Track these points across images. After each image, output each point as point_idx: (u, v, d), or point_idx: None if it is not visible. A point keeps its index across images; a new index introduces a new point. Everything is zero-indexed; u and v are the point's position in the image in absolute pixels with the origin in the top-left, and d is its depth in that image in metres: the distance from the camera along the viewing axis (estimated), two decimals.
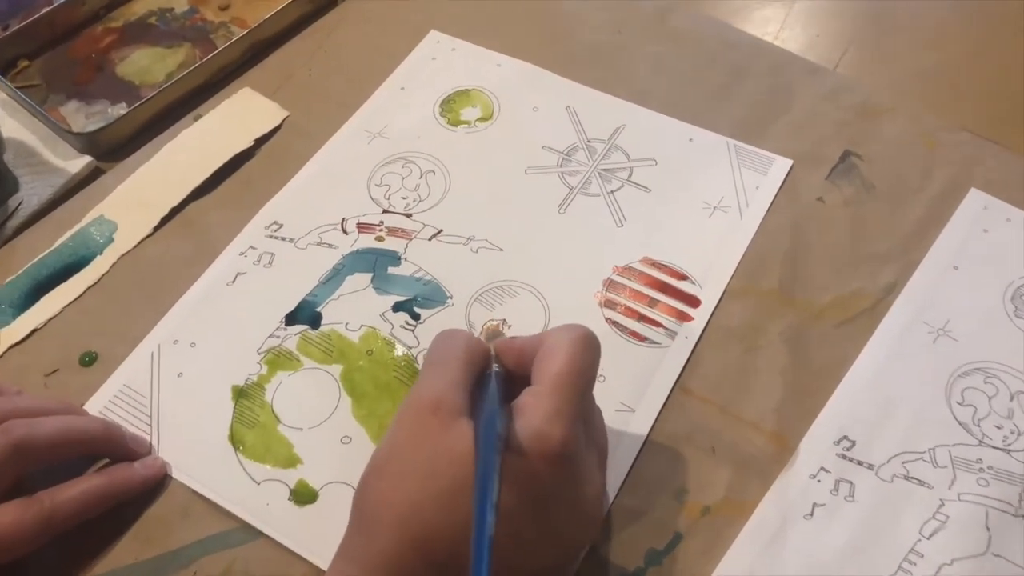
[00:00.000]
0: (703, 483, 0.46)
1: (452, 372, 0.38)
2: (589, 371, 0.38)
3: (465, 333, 0.41)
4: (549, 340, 0.39)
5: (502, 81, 0.64)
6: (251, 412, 0.49)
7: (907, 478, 0.46)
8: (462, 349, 0.39)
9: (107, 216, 0.57)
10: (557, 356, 0.38)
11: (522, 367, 0.40)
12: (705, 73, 0.64)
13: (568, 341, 0.38)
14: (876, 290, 0.53)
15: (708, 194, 0.57)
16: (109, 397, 0.50)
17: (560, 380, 0.37)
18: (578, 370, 0.37)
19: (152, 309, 0.53)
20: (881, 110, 0.61)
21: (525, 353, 0.40)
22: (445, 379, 0.38)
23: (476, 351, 0.40)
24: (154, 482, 0.46)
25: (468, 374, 0.38)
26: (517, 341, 0.41)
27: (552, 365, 0.37)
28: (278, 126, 0.62)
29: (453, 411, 0.36)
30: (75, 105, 0.65)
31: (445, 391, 0.37)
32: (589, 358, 0.38)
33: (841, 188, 0.57)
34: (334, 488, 0.46)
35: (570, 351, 0.38)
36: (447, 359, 0.39)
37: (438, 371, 0.38)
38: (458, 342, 0.40)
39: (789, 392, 0.49)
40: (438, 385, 0.37)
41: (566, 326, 0.40)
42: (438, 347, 0.40)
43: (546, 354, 0.38)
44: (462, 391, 0.37)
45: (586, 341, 0.39)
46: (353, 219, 0.57)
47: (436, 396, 0.37)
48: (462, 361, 0.39)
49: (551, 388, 0.37)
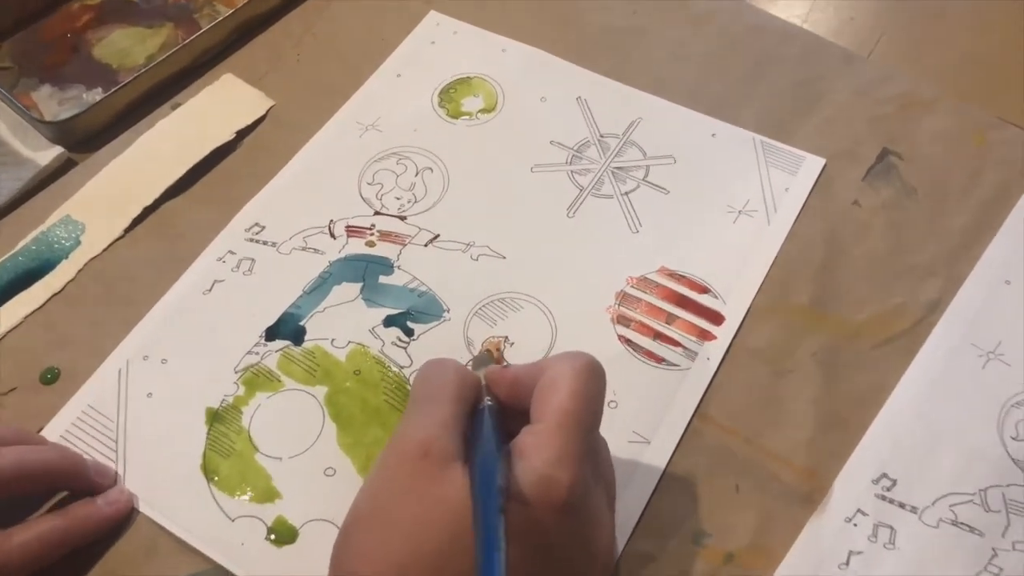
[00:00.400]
0: (725, 526, 0.43)
1: (442, 410, 0.35)
2: (595, 404, 0.36)
3: (453, 363, 0.38)
4: (550, 370, 0.36)
5: (507, 68, 0.60)
6: (226, 439, 0.46)
7: (955, 523, 0.43)
8: (452, 383, 0.37)
9: (74, 216, 0.54)
10: (559, 389, 0.35)
11: (517, 399, 0.37)
12: (728, 60, 0.60)
13: (571, 371, 0.35)
14: (918, 307, 0.49)
15: (732, 197, 0.54)
16: (72, 419, 0.46)
17: (564, 417, 0.34)
18: (583, 404, 0.35)
19: (121, 320, 0.50)
20: (923, 103, 0.57)
21: (520, 384, 0.37)
22: (434, 418, 0.35)
23: (467, 384, 0.37)
24: (119, 519, 0.43)
25: (460, 411, 0.36)
26: (511, 370, 0.38)
27: (554, 399, 0.34)
28: (262, 117, 0.58)
29: (444, 456, 0.33)
30: (48, 90, 0.61)
31: (435, 433, 0.34)
32: (595, 390, 0.36)
33: (879, 191, 0.54)
34: (316, 527, 0.43)
35: (574, 383, 0.35)
36: (435, 395, 0.36)
37: (426, 409, 0.36)
38: (447, 374, 0.37)
39: (822, 422, 0.46)
40: (426, 426, 0.34)
41: (567, 354, 0.37)
42: (424, 381, 0.38)
43: (547, 387, 0.35)
44: (454, 432, 0.35)
45: (591, 371, 0.36)
46: (342, 221, 0.53)
47: (424, 439, 0.34)
48: (452, 397, 0.36)
49: (554, 426, 0.34)
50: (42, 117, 0.58)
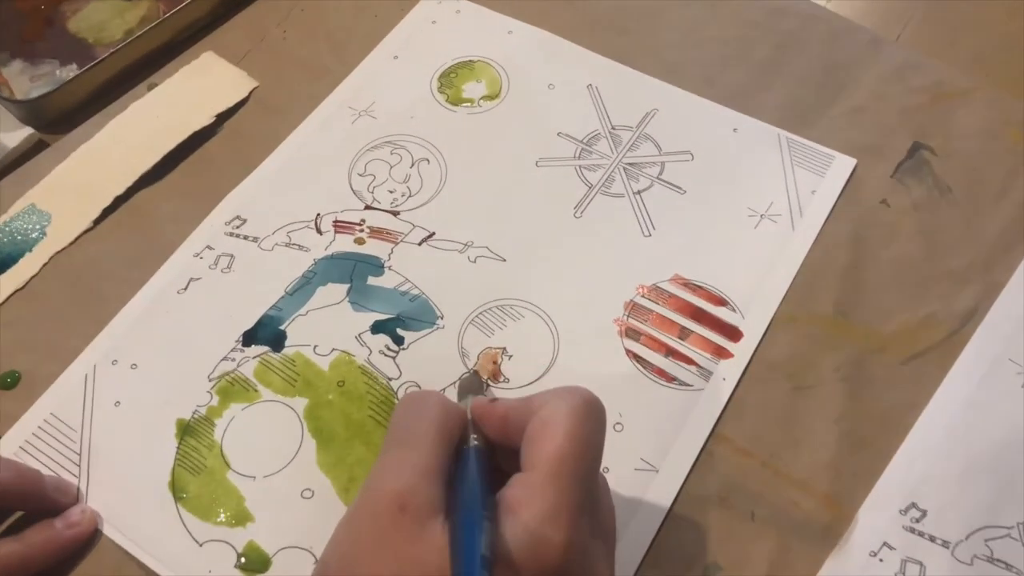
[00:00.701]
0: (739, 558, 0.41)
1: (422, 456, 0.32)
2: (594, 449, 0.33)
3: (436, 397, 0.35)
4: (543, 411, 0.33)
5: (513, 52, 0.57)
6: (197, 454, 0.43)
7: (990, 560, 0.41)
8: (434, 422, 0.33)
9: (39, 205, 0.51)
10: (554, 432, 0.32)
11: (507, 437, 0.34)
12: (748, 44, 0.58)
13: (567, 410, 0.32)
14: (951, 317, 0.47)
15: (755, 198, 0.51)
16: (32, 429, 0.44)
17: (559, 465, 0.31)
18: (581, 449, 0.32)
19: (88, 320, 0.48)
20: (957, 93, 0.55)
21: (511, 422, 0.34)
22: (413, 465, 0.32)
23: (452, 422, 0.34)
24: (80, 544, 0.41)
25: (442, 456, 0.33)
26: (500, 406, 0.35)
27: (548, 444, 0.31)
28: (244, 99, 0.56)
29: (423, 510, 0.30)
30: (19, 65, 0.58)
31: (413, 483, 0.31)
32: (592, 433, 0.33)
33: (910, 189, 0.52)
34: (290, 555, 0.41)
35: (569, 424, 0.32)
36: (415, 437, 0.33)
37: (403, 454, 0.32)
38: (429, 412, 0.34)
39: (845, 444, 0.44)
40: (404, 474, 0.31)
41: (562, 390, 0.34)
42: (404, 419, 0.34)
43: (540, 430, 0.32)
44: (435, 481, 0.31)
45: (588, 411, 0.33)
46: (329, 216, 0.51)
47: (401, 490, 0.31)
48: (434, 440, 0.33)
49: (548, 476, 0.31)
50: (12, 95, 0.56)
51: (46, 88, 0.54)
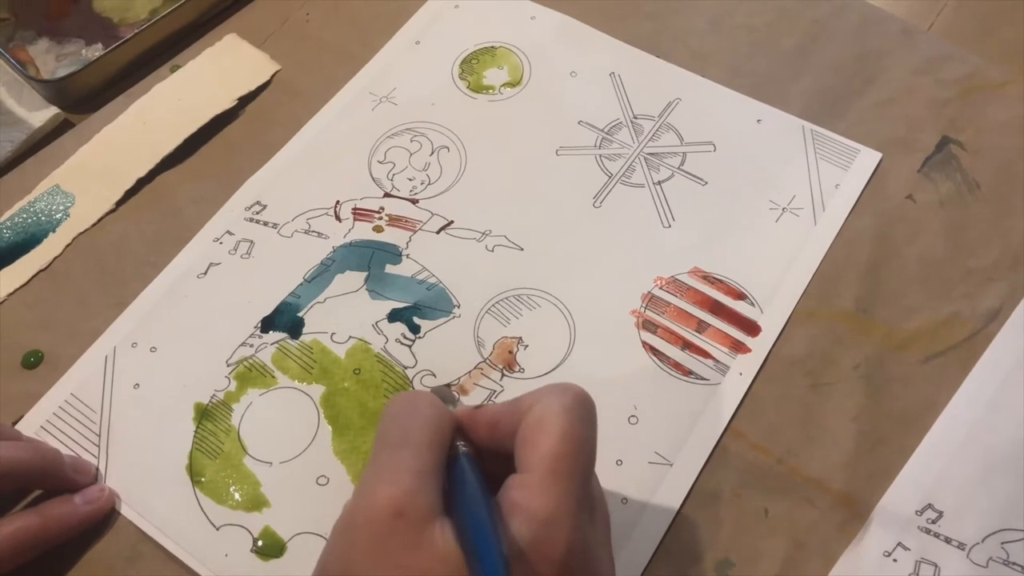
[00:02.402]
0: (752, 555, 0.41)
1: (416, 458, 0.31)
2: (589, 445, 0.33)
3: (427, 399, 0.34)
4: (536, 410, 0.32)
5: (535, 38, 0.57)
6: (214, 438, 0.43)
7: (1007, 563, 0.40)
8: (427, 423, 0.33)
9: (63, 187, 0.51)
10: (548, 431, 0.31)
11: (496, 442, 0.34)
12: (775, 33, 0.57)
13: (559, 408, 0.32)
14: (975, 316, 0.46)
15: (777, 191, 0.50)
16: (53, 409, 0.45)
17: (556, 462, 0.31)
18: (576, 446, 0.31)
19: (110, 302, 0.48)
20: (988, 86, 0.54)
21: (500, 426, 0.33)
22: (408, 468, 0.31)
23: (444, 425, 0.33)
24: (97, 519, 0.41)
25: (437, 459, 0.32)
26: (487, 412, 0.34)
27: (543, 444, 0.31)
28: (266, 82, 0.56)
29: (421, 515, 0.30)
30: (45, 44, 0.58)
31: (409, 487, 0.30)
32: (587, 428, 0.32)
33: (937, 184, 0.51)
34: (305, 540, 0.41)
35: (563, 421, 0.31)
36: (408, 439, 0.32)
37: (397, 457, 0.31)
38: (420, 413, 0.33)
39: (862, 443, 0.43)
40: (398, 479, 0.30)
41: (552, 388, 0.33)
42: (394, 421, 0.33)
43: (533, 429, 0.32)
44: (430, 485, 0.31)
45: (582, 406, 0.33)
46: (349, 203, 0.50)
47: (398, 495, 0.30)
48: (428, 441, 0.32)
49: (546, 475, 0.31)
50: (38, 74, 0.56)
51: (72, 67, 0.55)
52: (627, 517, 0.41)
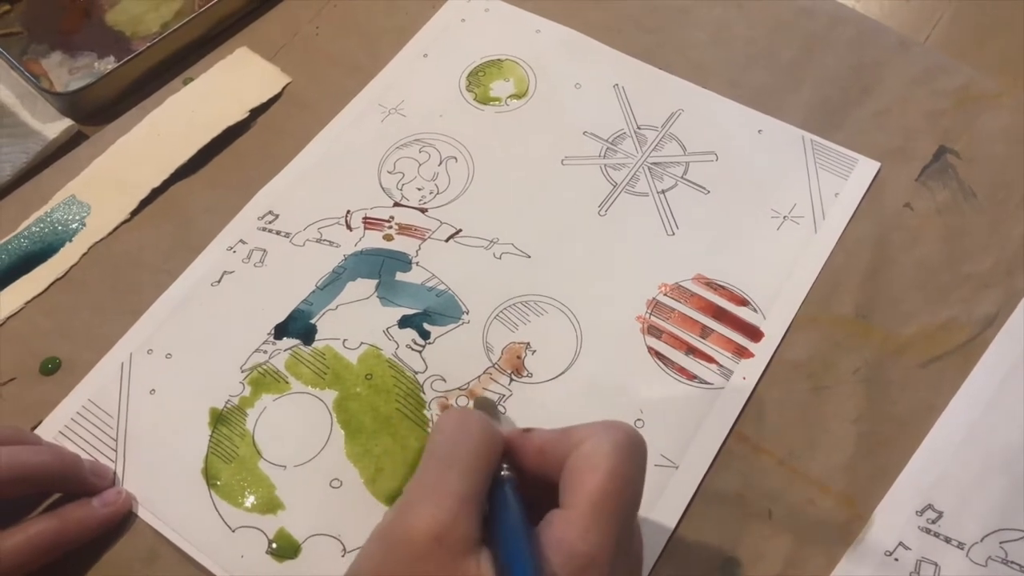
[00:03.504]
0: (756, 554, 0.41)
1: (462, 483, 0.31)
2: (636, 487, 0.32)
3: (482, 421, 0.33)
4: (585, 445, 0.32)
5: (541, 51, 0.57)
6: (229, 442, 0.44)
7: (1005, 562, 0.40)
8: (478, 446, 0.32)
9: (79, 197, 0.52)
10: (596, 469, 0.31)
11: (543, 468, 0.33)
12: (775, 45, 0.57)
13: (610, 449, 0.31)
14: (972, 322, 0.47)
15: (778, 200, 0.51)
16: (71, 414, 0.45)
17: (603, 503, 0.30)
18: (622, 488, 0.31)
19: (125, 310, 0.48)
20: (984, 96, 0.54)
21: (548, 454, 0.33)
22: (453, 493, 0.30)
23: (494, 448, 0.33)
24: (115, 522, 0.42)
25: (482, 485, 0.31)
26: (536, 437, 0.34)
27: (591, 482, 0.31)
28: (277, 95, 0.56)
29: (461, 545, 0.29)
30: (59, 57, 0.59)
31: (452, 513, 0.30)
32: (636, 471, 0.32)
33: (934, 192, 0.51)
34: (319, 542, 0.41)
35: (613, 463, 0.31)
36: (459, 459, 0.32)
37: (444, 479, 0.31)
38: (474, 435, 0.32)
39: (863, 445, 0.44)
40: (442, 502, 0.30)
41: (604, 425, 0.33)
42: (448, 437, 0.33)
43: (582, 465, 0.31)
44: (473, 513, 0.30)
45: (632, 448, 0.32)
46: (359, 212, 0.51)
47: (441, 521, 0.29)
48: (477, 466, 0.32)
49: (591, 515, 0.30)
50: (52, 87, 0.56)
51: (85, 80, 0.55)
52: None
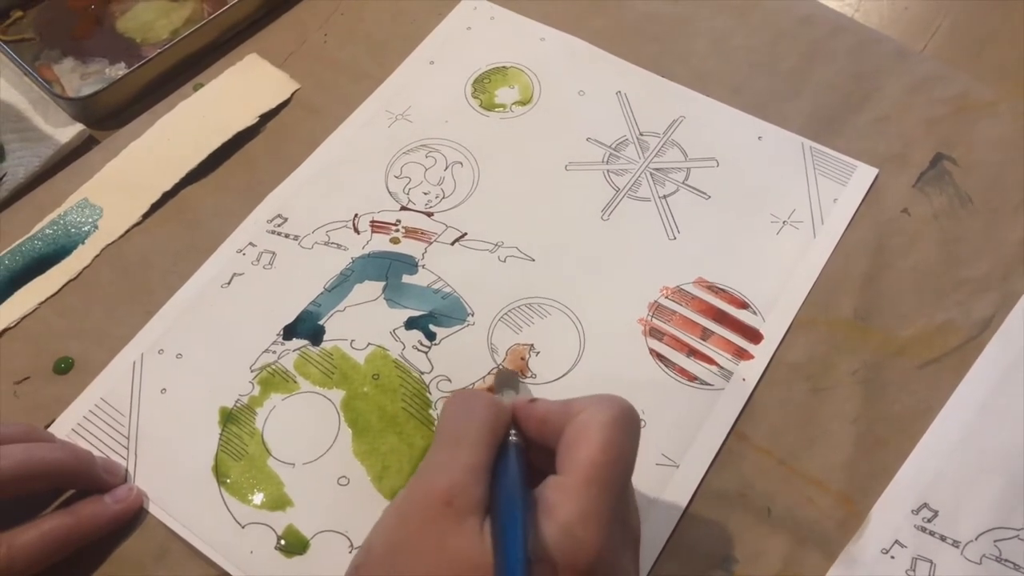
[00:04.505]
0: (755, 552, 0.42)
1: (471, 454, 0.33)
2: (629, 457, 0.33)
3: (486, 398, 0.36)
4: (581, 417, 0.33)
5: (545, 58, 0.57)
6: (239, 441, 0.44)
7: (999, 560, 0.41)
8: (485, 422, 0.34)
9: (92, 200, 0.52)
10: (591, 439, 0.32)
11: (544, 438, 0.35)
12: (776, 53, 0.58)
13: (605, 419, 0.33)
14: (969, 324, 0.47)
15: (777, 205, 0.51)
16: (84, 412, 0.46)
17: (595, 470, 0.32)
18: (615, 458, 0.32)
19: (137, 310, 0.49)
20: (980, 104, 0.54)
21: (549, 424, 0.35)
22: (463, 463, 0.32)
23: (500, 423, 0.35)
24: (127, 518, 0.42)
25: (489, 455, 0.33)
26: (540, 407, 0.35)
27: (584, 450, 0.32)
28: (287, 100, 0.56)
29: (468, 507, 0.31)
30: (70, 63, 0.60)
31: (461, 480, 0.32)
32: (629, 441, 0.33)
33: (931, 198, 0.51)
34: (327, 538, 0.42)
35: (605, 434, 0.32)
36: (466, 435, 0.34)
37: (454, 452, 0.33)
38: (479, 413, 0.34)
39: (861, 445, 0.44)
40: (453, 470, 0.32)
41: (600, 398, 0.34)
42: (454, 417, 0.35)
43: (577, 435, 0.33)
44: (481, 479, 0.32)
45: (625, 421, 0.33)
46: (367, 216, 0.51)
47: (451, 485, 0.32)
48: (483, 440, 0.33)
49: (584, 481, 0.31)
50: (64, 92, 0.57)
51: (96, 86, 0.56)
52: None
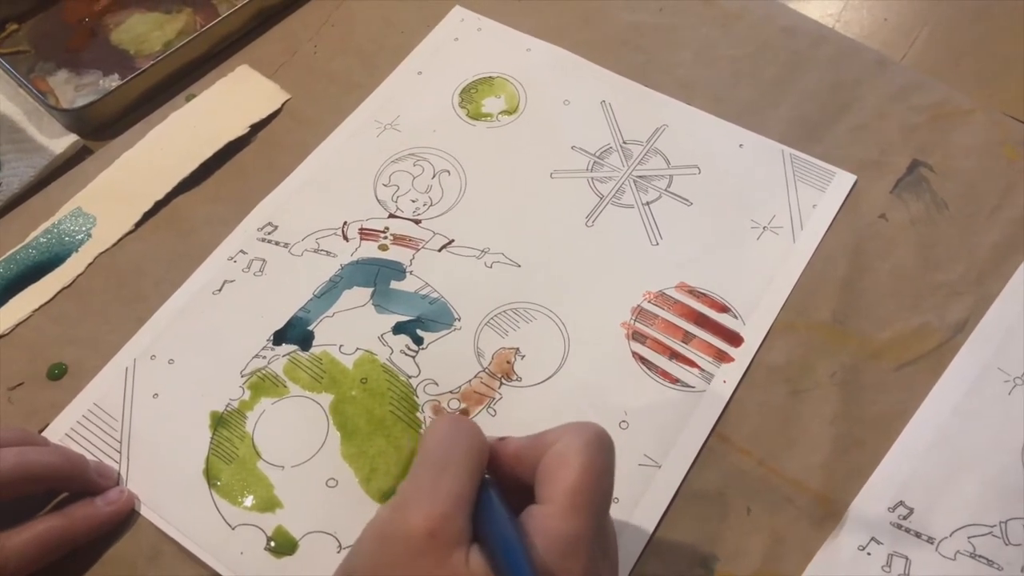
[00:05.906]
0: (735, 550, 0.42)
1: (456, 484, 0.32)
2: (607, 480, 0.33)
3: (472, 427, 0.35)
4: (558, 445, 0.33)
5: (531, 69, 0.58)
6: (229, 444, 0.45)
7: (973, 556, 0.41)
8: (470, 451, 0.33)
9: (85, 209, 0.53)
10: (570, 466, 0.32)
11: (517, 472, 0.35)
12: (757, 63, 0.58)
13: (580, 446, 0.33)
14: (944, 327, 0.48)
15: (758, 211, 0.52)
16: (77, 417, 0.46)
17: (576, 497, 0.32)
18: (595, 482, 0.32)
19: (129, 317, 0.49)
20: (957, 113, 0.55)
21: (523, 459, 0.35)
22: (448, 493, 0.32)
23: (483, 454, 0.34)
24: (119, 520, 0.43)
25: (472, 485, 0.33)
26: (511, 444, 0.35)
27: (565, 478, 0.32)
28: (277, 110, 0.57)
29: (452, 539, 0.31)
30: (65, 75, 0.60)
31: (446, 511, 0.31)
32: (606, 463, 0.33)
33: (908, 204, 0.52)
34: (315, 539, 0.42)
35: (584, 459, 0.32)
36: (451, 463, 0.33)
37: (439, 480, 0.32)
38: (465, 440, 0.34)
39: (839, 445, 0.44)
40: (438, 500, 0.31)
41: (574, 426, 0.34)
42: (441, 443, 0.34)
43: (556, 464, 0.33)
44: (465, 511, 0.32)
45: (600, 445, 0.33)
46: (356, 223, 0.52)
47: (435, 516, 0.31)
48: (468, 469, 0.33)
49: (566, 508, 0.32)
50: (58, 103, 0.58)
51: (90, 97, 0.56)
52: (618, 516, 0.42)
